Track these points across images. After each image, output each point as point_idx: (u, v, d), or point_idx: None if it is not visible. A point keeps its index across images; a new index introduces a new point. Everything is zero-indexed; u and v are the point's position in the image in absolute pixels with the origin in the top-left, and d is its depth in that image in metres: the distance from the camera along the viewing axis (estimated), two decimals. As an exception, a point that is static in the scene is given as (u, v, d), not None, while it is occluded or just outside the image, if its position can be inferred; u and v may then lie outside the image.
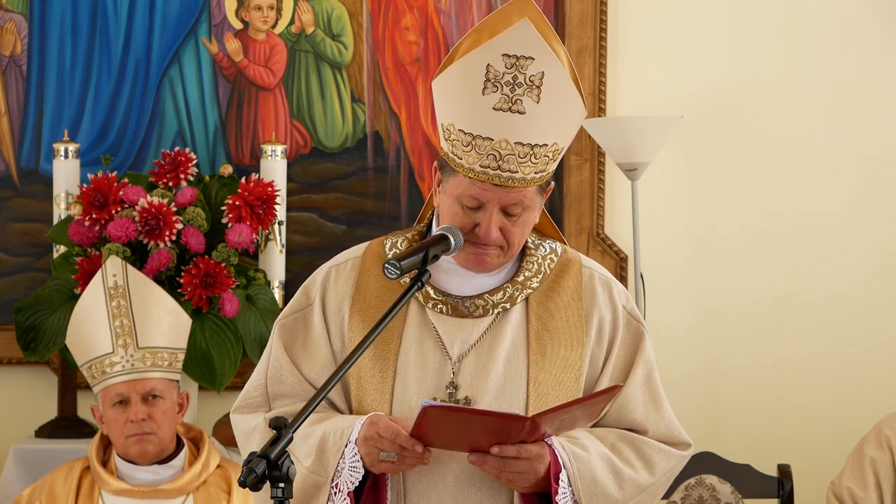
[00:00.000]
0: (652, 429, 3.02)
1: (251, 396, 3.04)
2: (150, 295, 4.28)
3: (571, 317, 2.99)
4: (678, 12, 5.42)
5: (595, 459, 2.90)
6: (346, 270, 3.05)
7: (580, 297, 3.01)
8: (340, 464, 2.86)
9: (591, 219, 5.40)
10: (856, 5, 5.42)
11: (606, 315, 3.03)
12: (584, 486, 2.87)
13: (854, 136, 5.42)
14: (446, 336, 2.96)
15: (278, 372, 3.02)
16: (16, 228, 5.38)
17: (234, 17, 5.40)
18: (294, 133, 5.40)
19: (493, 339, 2.96)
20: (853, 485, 4.23)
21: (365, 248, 3.08)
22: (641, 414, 3.01)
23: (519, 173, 2.87)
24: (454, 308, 2.97)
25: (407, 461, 2.82)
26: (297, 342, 3.03)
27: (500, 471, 2.81)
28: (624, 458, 2.95)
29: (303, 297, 3.06)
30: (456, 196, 2.91)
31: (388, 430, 2.80)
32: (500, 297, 2.97)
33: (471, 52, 2.86)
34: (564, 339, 2.97)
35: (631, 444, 2.98)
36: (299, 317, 3.04)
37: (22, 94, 5.38)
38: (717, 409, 5.42)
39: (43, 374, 5.35)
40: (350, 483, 2.86)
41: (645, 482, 2.96)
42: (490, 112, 2.85)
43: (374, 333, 2.78)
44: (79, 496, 4.18)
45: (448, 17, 5.39)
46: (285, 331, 3.05)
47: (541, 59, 2.84)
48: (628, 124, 5.13)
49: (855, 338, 5.40)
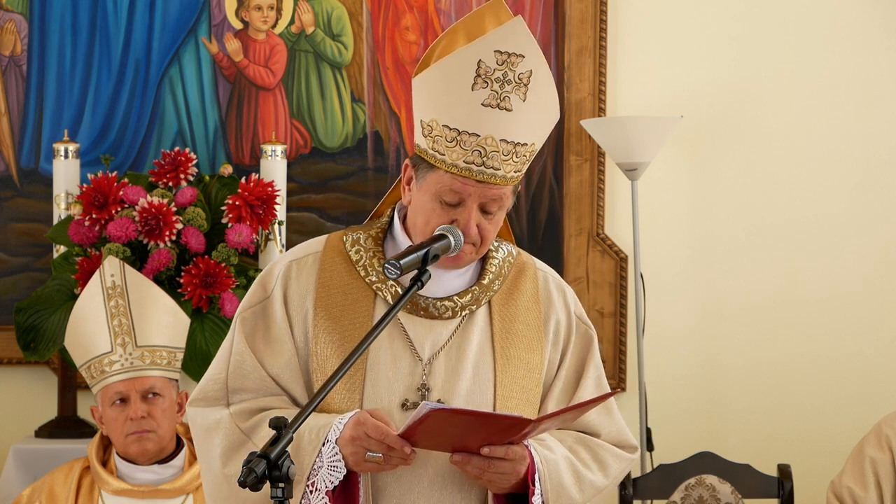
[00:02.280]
0: (604, 432, 3.06)
1: (209, 389, 3.00)
2: (149, 294, 4.28)
3: (531, 320, 3.02)
4: (678, 12, 5.42)
5: (561, 461, 2.94)
6: (308, 265, 3.02)
7: (538, 300, 3.05)
8: (317, 462, 2.85)
9: (591, 219, 5.40)
10: (856, 5, 5.42)
11: (562, 318, 3.07)
12: (553, 488, 2.91)
13: (855, 136, 5.42)
14: (416, 337, 2.96)
15: (240, 366, 2.99)
16: (16, 228, 5.38)
17: (234, 17, 5.40)
18: (294, 133, 5.40)
19: (461, 341, 2.97)
20: (853, 484, 4.23)
21: (324, 243, 3.05)
22: (595, 418, 3.05)
23: (501, 171, 2.88)
24: (424, 309, 2.97)
25: (392, 461, 2.82)
26: (258, 336, 3.00)
27: (484, 471, 2.83)
28: (582, 461, 3.00)
29: (260, 290, 3.03)
30: (435, 192, 2.90)
31: (376, 430, 2.80)
32: (467, 300, 2.99)
33: (462, 48, 2.87)
34: (525, 342, 3.00)
35: (587, 446, 3.03)
36: (258, 310, 3.01)
37: (22, 94, 5.38)
38: (717, 409, 5.42)
39: (43, 374, 5.35)
40: (329, 482, 2.85)
41: (601, 484, 3.01)
42: (478, 108, 2.86)
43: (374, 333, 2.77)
44: (79, 496, 4.18)
45: (448, 17, 5.40)
46: (246, 324, 3.01)
47: (530, 58, 2.86)
48: (628, 124, 5.13)
49: (855, 337, 5.40)
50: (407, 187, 2.97)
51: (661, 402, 5.36)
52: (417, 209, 2.94)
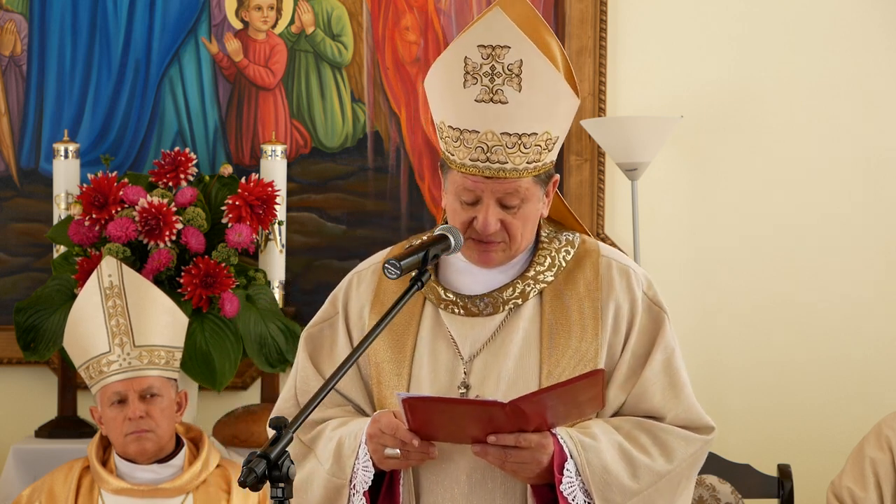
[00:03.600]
0: (670, 414, 2.98)
1: (283, 408, 3.08)
2: (147, 294, 4.28)
3: (586, 308, 2.98)
4: (678, 12, 5.42)
5: (606, 448, 2.87)
6: (367, 277, 3.07)
7: (597, 287, 3.00)
8: (356, 465, 2.88)
9: (591, 219, 5.40)
10: (856, 5, 5.42)
11: (623, 303, 3.01)
12: (595, 476, 2.84)
13: (855, 136, 5.42)
14: (458, 336, 2.97)
15: (306, 383, 3.05)
16: (16, 228, 5.38)
17: (234, 17, 5.40)
18: (294, 133, 5.40)
19: (505, 336, 2.96)
20: (853, 485, 4.23)
21: (386, 254, 3.10)
22: (659, 400, 2.98)
23: (509, 164, 2.88)
24: (465, 308, 2.97)
25: (411, 456, 2.83)
26: (322, 352, 3.06)
27: (503, 461, 2.81)
28: (639, 446, 2.91)
29: (330, 308, 3.10)
30: (454, 192, 2.93)
31: (388, 425, 2.82)
32: (510, 294, 2.97)
33: (448, 48, 2.89)
34: (578, 330, 2.95)
35: (647, 430, 2.94)
36: (325, 326, 3.08)
37: (22, 94, 5.38)
38: (717, 409, 5.41)
39: (43, 374, 5.35)
40: (364, 482, 2.88)
41: (662, 469, 2.92)
42: (472, 104, 2.86)
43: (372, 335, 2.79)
44: (78, 496, 4.18)
45: (448, 17, 5.39)
46: (311, 341, 3.08)
47: (517, 48, 2.84)
48: (628, 124, 5.13)
49: (855, 337, 5.40)
50: (443, 191, 3.00)
51: (661, 402, 5.35)
52: (448, 210, 2.97)
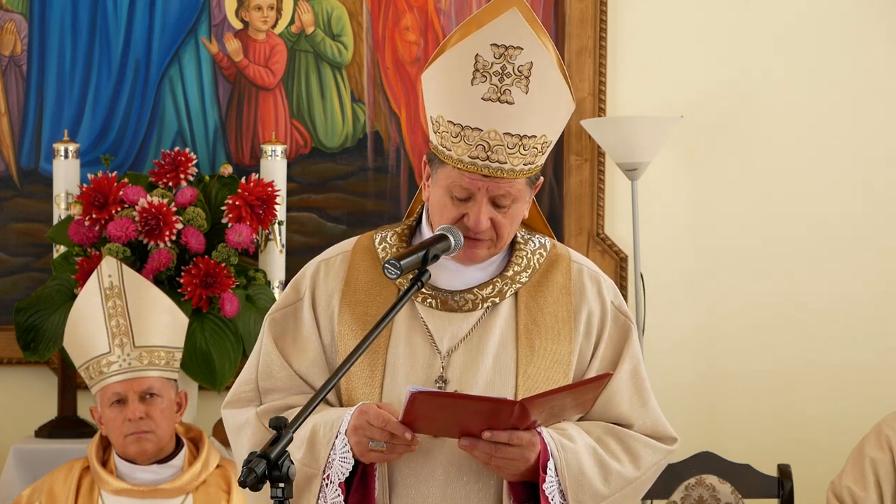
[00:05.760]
0: (638, 423, 3.03)
1: (242, 392, 3.05)
2: (147, 294, 4.28)
3: (560, 311, 3.00)
4: (678, 12, 5.42)
5: (582, 450, 2.90)
6: (336, 265, 3.05)
7: (569, 291, 3.02)
8: (331, 455, 2.86)
9: (591, 219, 5.40)
10: (856, 5, 5.42)
11: (595, 310, 3.03)
12: (571, 477, 2.87)
13: (855, 136, 5.42)
14: (435, 330, 2.96)
15: (269, 367, 3.02)
16: (16, 228, 5.38)
17: (234, 17, 5.40)
18: (294, 133, 5.40)
19: (483, 333, 2.96)
20: (853, 484, 4.23)
21: (354, 243, 3.08)
22: (627, 408, 3.02)
23: (508, 164, 2.88)
24: (443, 302, 2.97)
25: (396, 449, 2.82)
26: (287, 336, 3.03)
27: (491, 456, 2.82)
28: (610, 451, 2.95)
29: (292, 293, 3.06)
30: (445, 187, 2.91)
31: (377, 418, 2.81)
32: (489, 292, 2.98)
33: (459, 43, 2.87)
34: (553, 333, 2.97)
35: (617, 437, 2.99)
36: (289, 311, 3.05)
37: (22, 94, 5.39)
38: (717, 409, 5.42)
39: (43, 374, 5.35)
40: (341, 474, 2.86)
41: (631, 476, 2.96)
42: (479, 102, 2.86)
43: (373, 333, 2.78)
44: (78, 496, 4.18)
45: (448, 17, 5.40)
46: (275, 325, 3.05)
47: (529, 50, 2.84)
48: (628, 124, 5.13)
49: (855, 337, 5.40)
50: (426, 183, 2.98)
51: (661, 401, 5.30)
52: (433, 204, 2.96)
